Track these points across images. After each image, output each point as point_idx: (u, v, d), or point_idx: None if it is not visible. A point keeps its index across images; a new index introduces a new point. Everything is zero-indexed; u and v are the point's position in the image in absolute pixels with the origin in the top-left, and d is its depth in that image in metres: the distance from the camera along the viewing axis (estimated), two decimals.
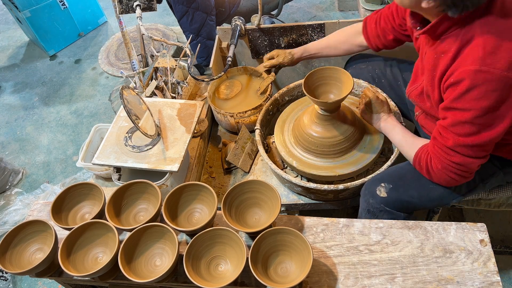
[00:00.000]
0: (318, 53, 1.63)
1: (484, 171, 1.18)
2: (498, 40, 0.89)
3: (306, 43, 1.91)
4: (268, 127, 1.74)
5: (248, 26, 1.93)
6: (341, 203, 1.48)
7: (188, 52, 1.71)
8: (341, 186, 1.32)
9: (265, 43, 1.97)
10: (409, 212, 1.22)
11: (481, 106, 0.92)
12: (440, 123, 1.05)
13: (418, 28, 1.08)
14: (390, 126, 1.33)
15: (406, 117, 1.56)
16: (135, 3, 1.76)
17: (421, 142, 1.18)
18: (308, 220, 1.15)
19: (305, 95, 1.71)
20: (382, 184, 1.20)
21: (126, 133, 1.47)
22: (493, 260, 1.01)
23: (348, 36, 1.54)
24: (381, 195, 1.19)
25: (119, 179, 1.46)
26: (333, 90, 1.38)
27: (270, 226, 1.03)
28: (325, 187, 1.35)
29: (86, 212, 1.21)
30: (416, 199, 1.18)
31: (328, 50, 1.60)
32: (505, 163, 1.19)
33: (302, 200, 1.51)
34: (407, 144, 1.23)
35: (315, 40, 1.89)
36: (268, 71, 1.79)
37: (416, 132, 1.61)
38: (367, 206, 1.24)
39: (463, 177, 1.06)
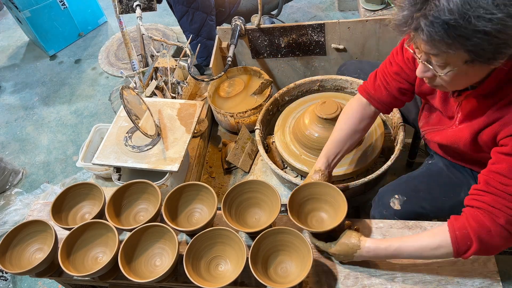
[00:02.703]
0: (339, 155, 1.21)
1: None
2: None
3: (306, 43, 1.92)
4: (268, 127, 1.74)
5: (248, 26, 1.93)
6: None
7: (188, 52, 1.71)
8: (341, 186, 1.32)
9: (265, 43, 1.97)
10: None
11: None
12: (492, 169, 0.85)
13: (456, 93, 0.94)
14: (382, 252, 0.96)
15: (406, 121, 1.49)
16: (135, 3, 1.76)
17: (438, 233, 0.90)
18: None
19: (305, 95, 1.72)
20: (396, 196, 1.17)
21: (126, 133, 1.47)
22: (493, 260, 1.01)
23: (355, 123, 1.20)
24: (395, 208, 1.16)
25: (119, 179, 1.46)
26: (324, 206, 1.11)
27: (270, 226, 1.03)
28: None
29: (86, 212, 1.21)
30: (428, 211, 1.16)
31: (347, 146, 1.21)
32: None
33: None
34: (427, 246, 0.91)
35: (315, 40, 1.90)
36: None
37: (417, 137, 1.60)
38: (380, 217, 1.18)
39: None
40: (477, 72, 0.81)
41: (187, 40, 1.93)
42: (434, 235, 0.90)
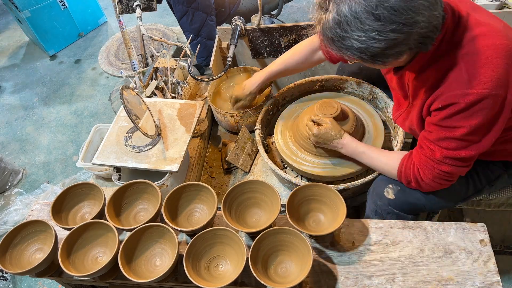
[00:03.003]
0: (279, 75, 1.59)
1: (490, 174, 1.19)
2: (479, 60, 0.90)
3: None
4: (268, 127, 1.74)
5: (248, 26, 1.93)
6: None
7: (188, 52, 1.71)
8: (341, 186, 1.32)
9: (265, 43, 1.97)
10: (415, 214, 1.22)
11: (470, 125, 0.94)
12: (425, 135, 1.05)
13: (393, 69, 1.10)
14: (351, 150, 1.30)
15: None
16: (135, 3, 1.76)
17: (395, 156, 1.18)
18: None
19: (305, 95, 1.72)
20: (390, 186, 1.20)
21: (126, 133, 1.47)
22: (493, 260, 1.01)
23: (306, 55, 1.49)
24: (389, 197, 1.19)
25: (119, 179, 1.46)
26: (323, 208, 1.12)
27: (270, 226, 1.03)
28: None
29: (86, 212, 1.21)
30: (423, 201, 1.18)
31: (288, 72, 1.57)
32: (509, 165, 1.19)
33: None
34: (381, 162, 1.22)
35: None
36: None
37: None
38: (375, 207, 1.24)
39: (451, 181, 1.08)
40: (393, 63, 0.98)
41: (187, 40, 1.93)
42: (390, 159, 1.18)
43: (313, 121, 1.36)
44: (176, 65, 1.73)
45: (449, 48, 0.95)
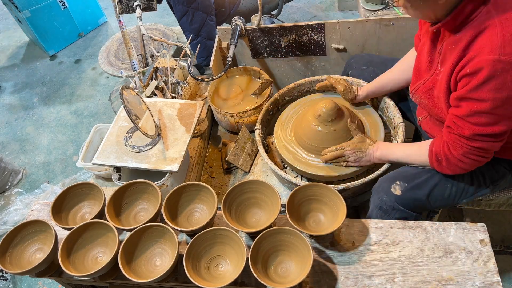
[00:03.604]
0: (383, 89, 1.47)
1: (494, 174, 1.19)
2: None
3: (306, 43, 1.92)
4: (268, 127, 1.74)
5: (248, 26, 1.93)
6: None
7: (188, 52, 1.71)
8: (341, 186, 1.32)
9: (265, 43, 1.97)
10: (419, 212, 1.22)
11: (500, 97, 0.89)
12: (453, 112, 1.00)
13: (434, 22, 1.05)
14: (385, 152, 1.30)
15: (407, 119, 1.56)
16: (135, 3, 1.76)
17: (426, 143, 1.16)
18: None
19: (305, 95, 1.72)
20: (398, 182, 1.19)
21: (126, 133, 1.47)
22: (493, 260, 1.01)
23: (410, 61, 1.36)
24: (396, 193, 1.18)
25: (119, 179, 1.46)
26: (323, 208, 1.12)
27: (270, 226, 1.03)
28: None
29: (86, 212, 1.21)
30: (429, 198, 1.18)
31: (392, 84, 1.44)
32: None
33: None
34: (414, 152, 1.20)
35: (315, 40, 1.90)
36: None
37: (417, 136, 1.61)
38: (380, 203, 1.22)
39: (485, 157, 1.03)
40: (431, 5, 0.95)
41: (187, 40, 1.93)
42: (420, 152, 1.16)
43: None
44: (176, 65, 1.73)
45: (489, 10, 0.90)
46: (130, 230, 1.07)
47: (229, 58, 1.75)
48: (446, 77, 1.00)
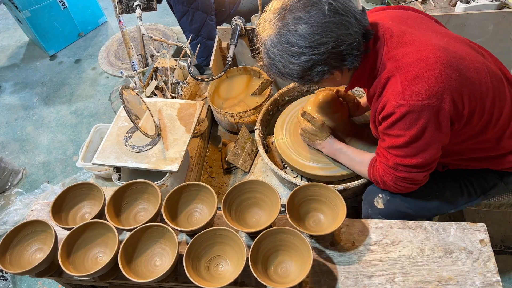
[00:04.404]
0: None
1: (485, 184, 1.20)
2: (411, 72, 0.95)
3: None
4: (268, 127, 1.74)
5: (248, 26, 1.93)
6: None
7: (188, 52, 1.71)
8: (341, 186, 1.32)
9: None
10: None
11: (410, 134, 0.98)
12: (380, 143, 1.11)
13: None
14: (332, 151, 1.35)
15: None
16: (135, 3, 1.76)
17: (368, 157, 1.22)
18: None
19: (305, 95, 1.72)
20: (380, 195, 1.21)
21: (126, 133, 1.47)
22: (493, 260, 1.01)
23: None
24: (379, 206, 1.20)
25: (119, 179, 1.46)
26: (323, 208, 1.12)
27: (270, 226, 1.03)
28: None
29: (86, 212, 1.21)
30: (413, 210, 1.18)
31: None
32: (504, 174, 1.19)
33: None
34: (357, 163, 1.27)
35: None
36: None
37: None
38: (367, 214, 1.25)
39: (414, 185, 1.11)
40: (330, 81, 1.09)
41: (187, 40, 1.93)
42: (364, 159, 1.23)
43: (304, 112, 1.37)
44: (176, 65, 1.73)
45: (386, 63, 1.01)
46: (130, 230, 1.07)
47: (229, 58, 1.75)
48: (373, 121, 1.13)
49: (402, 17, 1.10)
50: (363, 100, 1.49)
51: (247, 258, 0.97)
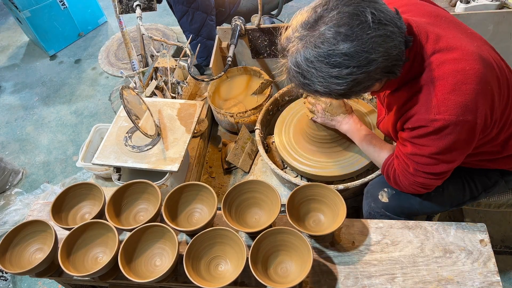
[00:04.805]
0: None
1: (487, 181, 1.20)
2: (448, 85, 0.91)
3: None
4: (268, 127, 1.74)
5: (248, 26, 1.93)
6: None
7: (188, 52, 1.71)
8: (341, 186, 1.32)
9: (265, 43, 1.97)
10: (409, 217, 1.22)
11: (439, 146, 0.95)
12: (400, 148, 1.07)
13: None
14: (355, 129, 1.31)
15: None
16: (135, 3, 1.76)
17: (386, 151, 1.20)
18: None
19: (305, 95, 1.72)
20: (385, 189, 1.20)
21: (126, 133, 1.47)
22: (493, 260, 1.01)
23: None
24: (383, 200, 1.20)
25: (119, 179, 1.46)
26: (323, 208, 1.13)
27: (270, 226, 1.03)
28: None
29: (86, 212, 1.21)
30: (417, 205, 1.18)
31: None
32: (505, 172, 1.19)
33: None
34: (375, 151, 1.24)
35: None
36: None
37: None
38: (369, 209, 1.25)
39: (427, 189, 1.10)
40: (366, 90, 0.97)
41: (187, 40, 1.92)
42: (380, 156, 1.21)
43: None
44: (176, 65, 1.73)
45: (419, 71, 0.95)
46: (130, 230, 1.07)
47: (229, 58, 1.75)
48: (392, 124, 1.08)
49: (432, 13, 1.02)
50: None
51: (247, 258, 0.97)
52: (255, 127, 1.61)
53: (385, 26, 0.83)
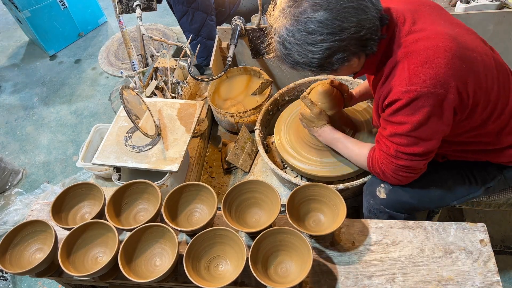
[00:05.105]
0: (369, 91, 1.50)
1: (486, 176, 1.20)
2: (419, 59, 0.95)
3: None
4: (268, 127, 1.74)
5: (248, 26, 1.93)
6: None
7: (188, 52, 1.71)
8: (341, 186, 1.32)
9: (265, 43, 1.97)
10: (409, 213, 1.22)
11: (413, 121, 0.98)
12: (380, 131, 1.11)
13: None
14: (329, 138, 1.34)
15: None
16: (135, 3, 1.76)
17: (366, 148, 1.22)
18: None
19: None
20: (382, 185, 1.20)
21: (126, 133, 1.47)
22: (493, 260, 1.01)
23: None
24: (381, 196, 1.20)
25: (119, 179, 1.46)
26: (323, 208, 1.12)
27: (270, 226, 1.03)
28: None
29: (86, 212, 1.21)
30: (415, 200, 1.18)
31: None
32: (504, 167, 1.20)
33: None
34: (354, 154, 1.27)
35: None
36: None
37: None
38: (368, 206, 1.25)
39: (414, 174, 1.11)
40: (347, 69, 1.07)
41: (187, 40, 1.93)
42: (362, 150, 1.22)
43: (304, 96, 1.37)
44: (176, 65, 1.73)
45: (395, 49, 1.01)
46: (130, 230, 1.07)
47: (229, 58, 1.75)
48: (375, 110, 1.13)
49: (416, 2, 1.08)
50: (355, 91, 1.49)
51: (247, 258, 0.97)
52: (255, 127, 1.61)
53: (358, 0, 0.92)
